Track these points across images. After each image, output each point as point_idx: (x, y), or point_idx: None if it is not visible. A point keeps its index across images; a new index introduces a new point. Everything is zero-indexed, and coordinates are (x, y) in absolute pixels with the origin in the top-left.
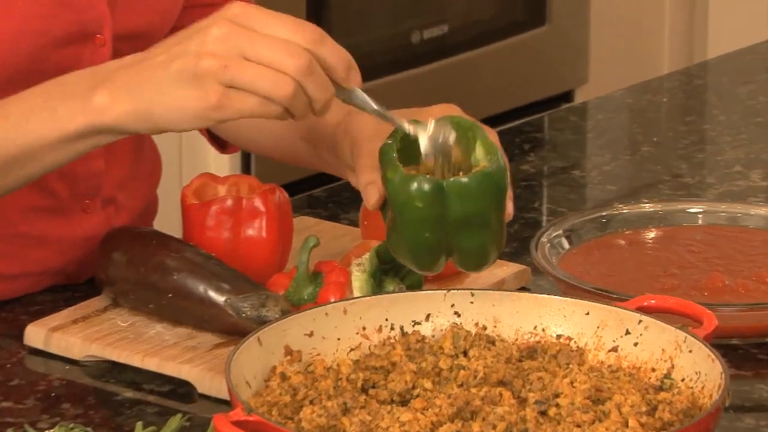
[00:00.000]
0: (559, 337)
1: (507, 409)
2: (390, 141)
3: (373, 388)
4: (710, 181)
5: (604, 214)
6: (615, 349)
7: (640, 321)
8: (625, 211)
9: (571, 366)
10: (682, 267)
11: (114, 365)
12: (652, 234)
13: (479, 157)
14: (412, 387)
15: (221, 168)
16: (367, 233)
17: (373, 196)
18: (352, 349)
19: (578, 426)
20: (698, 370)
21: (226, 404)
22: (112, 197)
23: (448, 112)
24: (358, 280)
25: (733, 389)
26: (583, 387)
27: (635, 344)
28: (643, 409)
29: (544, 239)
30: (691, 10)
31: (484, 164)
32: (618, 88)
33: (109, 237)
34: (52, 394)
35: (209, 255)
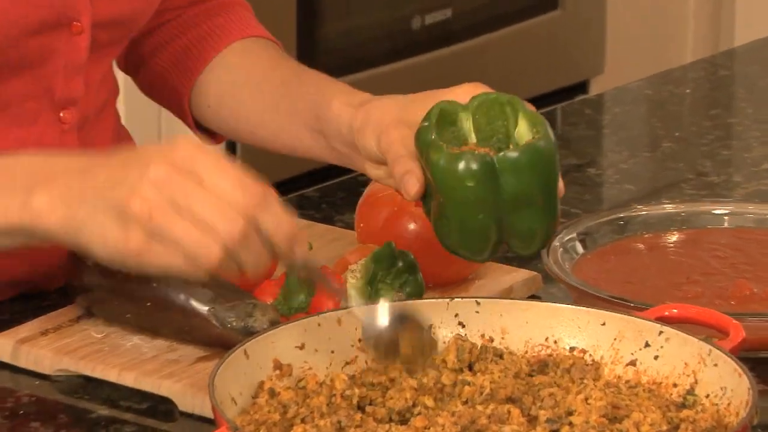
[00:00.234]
0: (572, 349)
1: (516, 428)
2: (426, 123)
3: (370, 405)
4: (737, 179)
5: (622, 215)
6: (633, 363)
7: (661, 332)
8: (645, 213)
9: (585, 381)
10: (707, 273)
11: (88, 380)
12: (673, 237)
13: (522, 132)
14: (413, 404)
15: None
16: (363, 237)
17: (413, 186)
18: (347, 363)
19: None
20: (724, 386)
21: (209, 423)
22: None
23: (475, 91)
24: (354, 287)
25: (762, 406)
26: (599, 404)
27: (655, 357)
28: (664, 428)
29: (557, 243)
30: None
31: (530, 138)
32: (637, 79)
33: None
34: (21, 412)
35: None
